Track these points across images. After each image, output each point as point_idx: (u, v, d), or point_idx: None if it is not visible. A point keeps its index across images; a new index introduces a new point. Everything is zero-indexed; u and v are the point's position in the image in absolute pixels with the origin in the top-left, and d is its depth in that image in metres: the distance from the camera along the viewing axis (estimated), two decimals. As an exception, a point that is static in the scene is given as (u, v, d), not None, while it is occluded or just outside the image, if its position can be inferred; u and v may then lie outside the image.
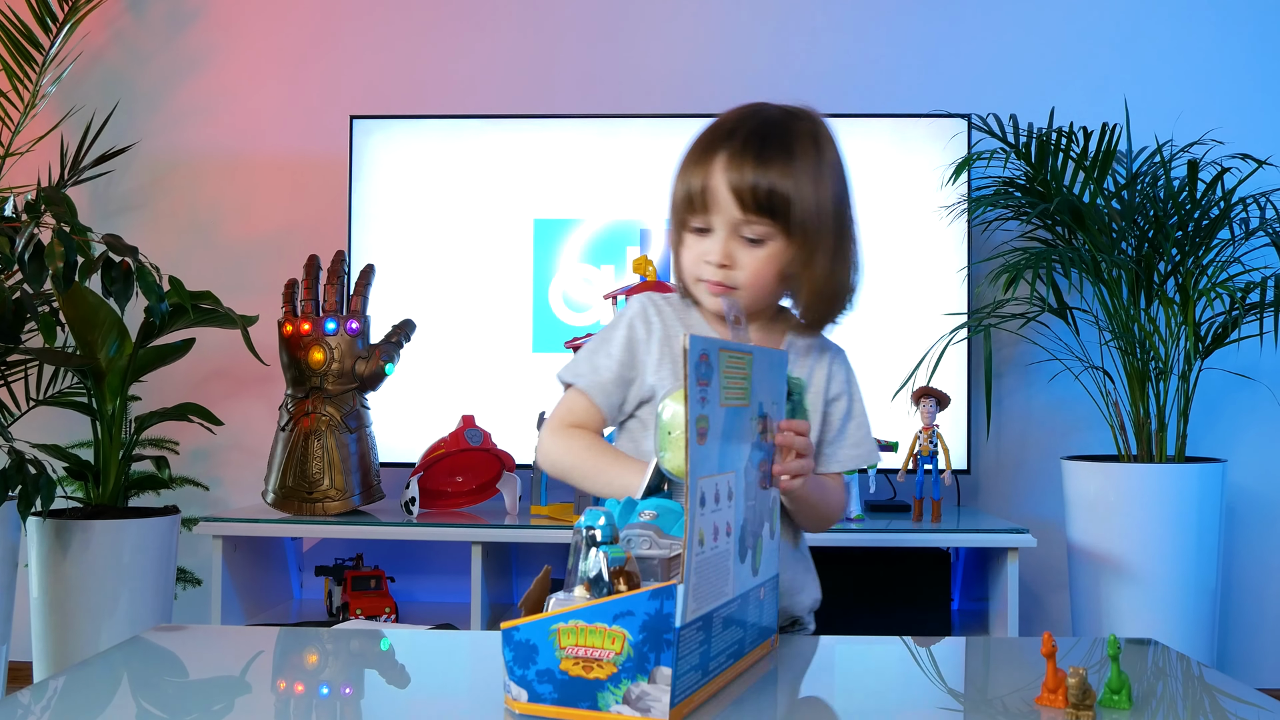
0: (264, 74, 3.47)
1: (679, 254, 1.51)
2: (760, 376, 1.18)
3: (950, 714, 1.10)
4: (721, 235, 1.44)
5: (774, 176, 1.42)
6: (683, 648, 0.97)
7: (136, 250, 2.57)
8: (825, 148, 1.50)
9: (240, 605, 2.95)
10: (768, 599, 1.23)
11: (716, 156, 1.43)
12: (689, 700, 1.01)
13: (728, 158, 1.43)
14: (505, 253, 3.21)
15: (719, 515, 1.06)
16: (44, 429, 3.13)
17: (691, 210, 1.45)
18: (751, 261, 1.45)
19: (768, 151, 1.43)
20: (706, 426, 1.02)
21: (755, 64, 3.33)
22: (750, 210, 1.42)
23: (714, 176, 1.43)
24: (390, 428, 3.11)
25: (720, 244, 1.45)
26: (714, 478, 1.05)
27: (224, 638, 1.53)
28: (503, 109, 3.32)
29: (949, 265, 3.14)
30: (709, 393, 1.03)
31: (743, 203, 1.42)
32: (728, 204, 1.43)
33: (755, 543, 1.17)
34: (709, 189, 1.43)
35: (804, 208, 1.44)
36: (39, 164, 3.34)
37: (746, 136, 1.44)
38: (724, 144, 1.44)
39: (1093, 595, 2.84)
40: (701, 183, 1.43)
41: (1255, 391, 3.23)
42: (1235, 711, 1.12)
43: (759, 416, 1.18)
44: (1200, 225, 2.89)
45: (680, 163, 1.49)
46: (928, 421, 2.91)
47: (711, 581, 1.04)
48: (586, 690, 0.98)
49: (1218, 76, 3.31)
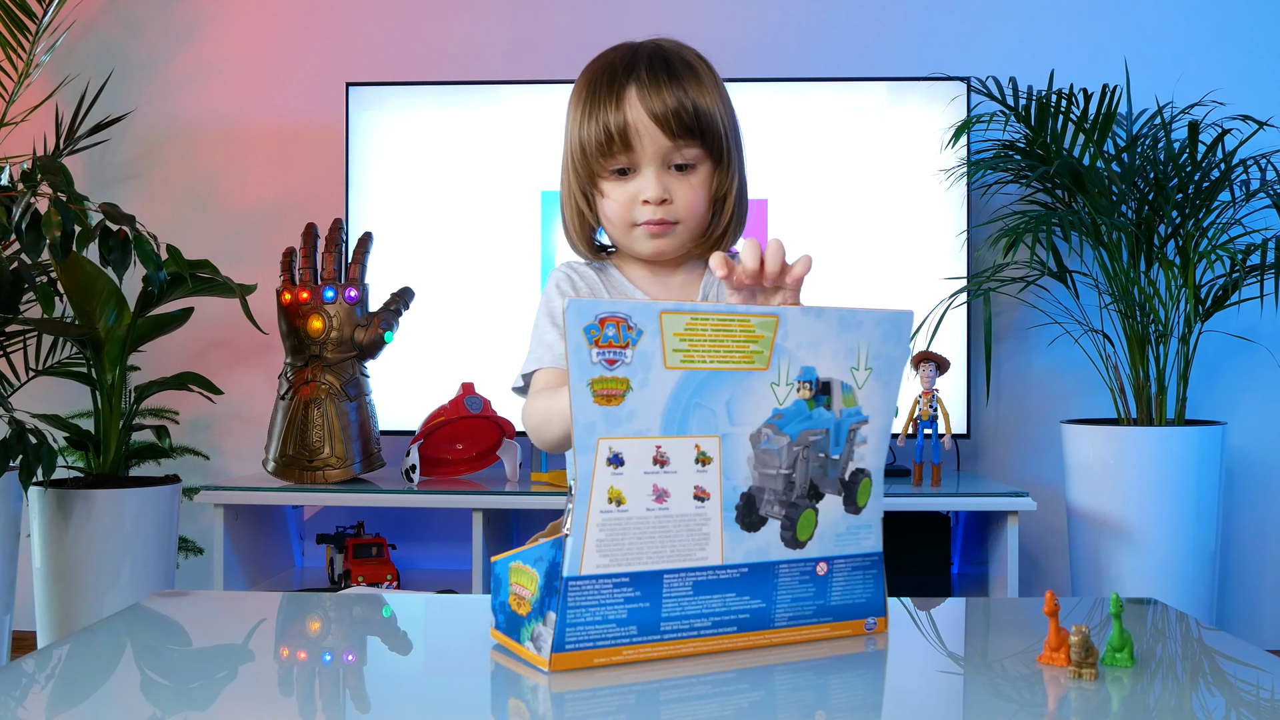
0: (259, 41, 3.45)
1: (600, 206, 1.43)
2: (808, 339, 1.10)
3: (952, 676, 1.10)
4: (652, 170, 1.38)
5: (693, 95, 1.37)
6: (584, 599, 1.02)
7: (134, 219, 2.56)
8: (711, 66, 1.44)
9: (242, 574, 2.96)
10: (845, 577, 1.16)
11: (627, 90, 1.37)
12: (608, 651, 1.04)
13: (640, 88, 1.36)
14: (503, 219, 3.20)
15: (675, 478, 1.05)
16: (44, 399, 3.13)
17: (610, 154, 1.38)
18: (687, 191, 1.40)
19: (676, 72, 1.38)
20: (622, 389, 1.02)
21: (754, 27, 3.30)
22: (680, 134, 1.37)
23: (631, 110, 1.36)
24: (390, 395, 3.11)
25: (654, 179, 1.38)
26: (652, 439, 1.04)
27: (226, 604, 1.53)
28: (501, 75, 3.30)
29: (948, 229, 3.13)
30: (628, 355, 1.02)
31: (669, 129, 1.36)
32: (653, 134, 1.36)
33: (797, 514, 1.12)
34: (629, 125, 1.36)
35: (722, 123, 1.40)
36: (34, 134, 3.32)
37: (649, 64, 1.38)
38: (629, 77, 1.38)
39: (1092, 558, 2.85)
40: (619, 121, 1.36)
41: (1255, 354, 3.22)
42: (1235, 670, 1.12)
43: (805, 381, 1.11)
44: (1200, 187, 2.88)
45: (574, 114, 1.42)
46: (927, 386, 2.91)
47: (653, 543, 1.04)
48: (516, 624, 1.07)
49: (1218, 37, 3.29)
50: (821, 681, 1.07)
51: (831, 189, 3.15)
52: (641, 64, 1.38)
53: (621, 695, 1.01)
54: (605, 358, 1.01)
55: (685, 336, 1.04)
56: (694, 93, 1.37)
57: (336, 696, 1.05)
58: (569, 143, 1.43)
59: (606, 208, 1.42)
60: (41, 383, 3.09)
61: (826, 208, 3.15)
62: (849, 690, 1.06)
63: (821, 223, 3.15)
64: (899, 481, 2.95)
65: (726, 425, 1.07)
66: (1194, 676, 1.11)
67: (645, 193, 1.39)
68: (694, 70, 1.40)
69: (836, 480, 1.14)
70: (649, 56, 1.40)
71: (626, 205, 1.40)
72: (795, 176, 3.14)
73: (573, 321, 1.00)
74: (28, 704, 1.00)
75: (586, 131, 1.39)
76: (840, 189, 3.14)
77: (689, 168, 1.40)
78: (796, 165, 3.14)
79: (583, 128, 1.40)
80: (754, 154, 1.52)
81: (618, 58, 1.41)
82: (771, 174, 3.12)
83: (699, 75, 1.39)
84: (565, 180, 1.46)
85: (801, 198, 3.14)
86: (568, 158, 1.44)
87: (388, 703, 1.02)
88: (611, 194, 1.41)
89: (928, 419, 2.90)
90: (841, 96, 3.15)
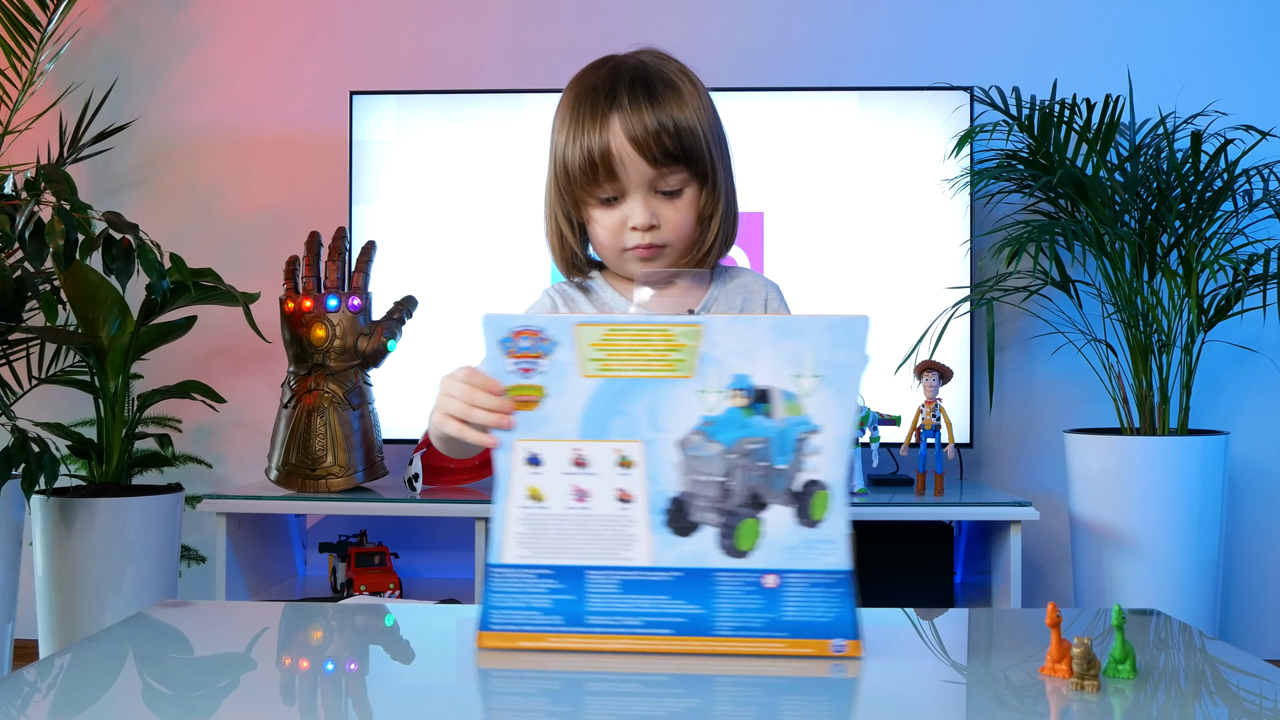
0: (263, 50, 3.46)
1: (590, 231, 1.44)
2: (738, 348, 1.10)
3: (954, 686, 1.10)
4: (639, 196, 1.39)
5: (674, 118, 1.37)
6: (506, 585, 1.14)
7: (137, 227, 2.56)
8: (694, 77, 1.44)
9: (244, 582, 2.96)
10: (802, 592, 1.12)
11: (609, 119, 1.37)
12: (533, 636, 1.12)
13: (621, 117, 1.36)
14: (507, 228, 3.20)
15: (595, 479, 1.11)
16: (46, 407, 3.14)
17: (595, 182, 1.39)
18: (674, 215, 1.41)
19: (658, 96, 1.37)
20: (538, 395, 1.10)
21: (756, 37, 3.31)
22: (663, 162, 1.37)
23: (614, 139, 1.37)
24: (393, 404, 3.11)
25: (641, 206, 1.39)
26: (570, 443, 1.11)
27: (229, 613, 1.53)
28: (505, 84, 3.31)
29: (951, 239, 3.13)
30: (543, 364, 1.10)
31: (653, 158, 1.36)
32: (637, 163, 1.37)
33: (736, 522, 1.11)
34: (611, 154, 1.37)
35: (705, 142, 1.40)
36: (38, 141, 3.33)
37: (630, 89, 1.38)
38: (610, 104, 1.37)
39: (1095, 568, 2.85)
40: (602, 148, 1.37)
41: (1258, 364, 3.22)
42: (1239, 681, 1.12)
43: (739, 389, 1.10)
44: (1204, 197, 2.88)
45: (558, 138, 1.42)
46: (930, 395, 2.90)
47: (574, 539, 1.12)
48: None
49: (1221, 47, 3.29)
50: (769, 699, 1.05)
51: (834, 198, 3.15)
52: (623, 88, 1.38)
53: (545, 679, 1.05)
54: (521, 366, 1.10)
55: (602, 346, 1.10)
56: (675, 114, 1.37)
57: (339, 706, 1.05)
58: (553, 162, 1.44)
59: (596, 234, 1.44)
60: (44, 391, 3.09)
61: (829, 217, 3.16)
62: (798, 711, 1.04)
63: (824, 232, 3.15)
64: (902, 490, 2.95)
65: (649, 431, 1.11)
66: (1197, 688, 1.11)
67: (633, 219, 1.40)
68: (675, 89, 1.40)
69: (784, 491, 1.12)
70: (630, 79, 1.39)
71: (615, 232, 1.42)
72: (797, 186, 3.14)
73: (490, 335, 1.10)
74: (29, 713, 1.00)
75: (571, 157, 1.40)
76: (843, 198, 3.14)
77: (676, 192, 1.40)
78: (798, 174, 3.14)
79: (568, 151, 1.41)
80: (755, 164, 1.52)
81: (600, 80, 1.41)
82: (773, 184, 3.12)
83: (680, 94, 1.40)
84: (548, 199, 1.47)
85: (804, 207, 3.14)
86: (551, 178, 1.45)
87: (390, 712, 1.02)
88: (600, 221, 1.42)
89: (931, 428, 2.90)
90: (844, 106, 3.15)
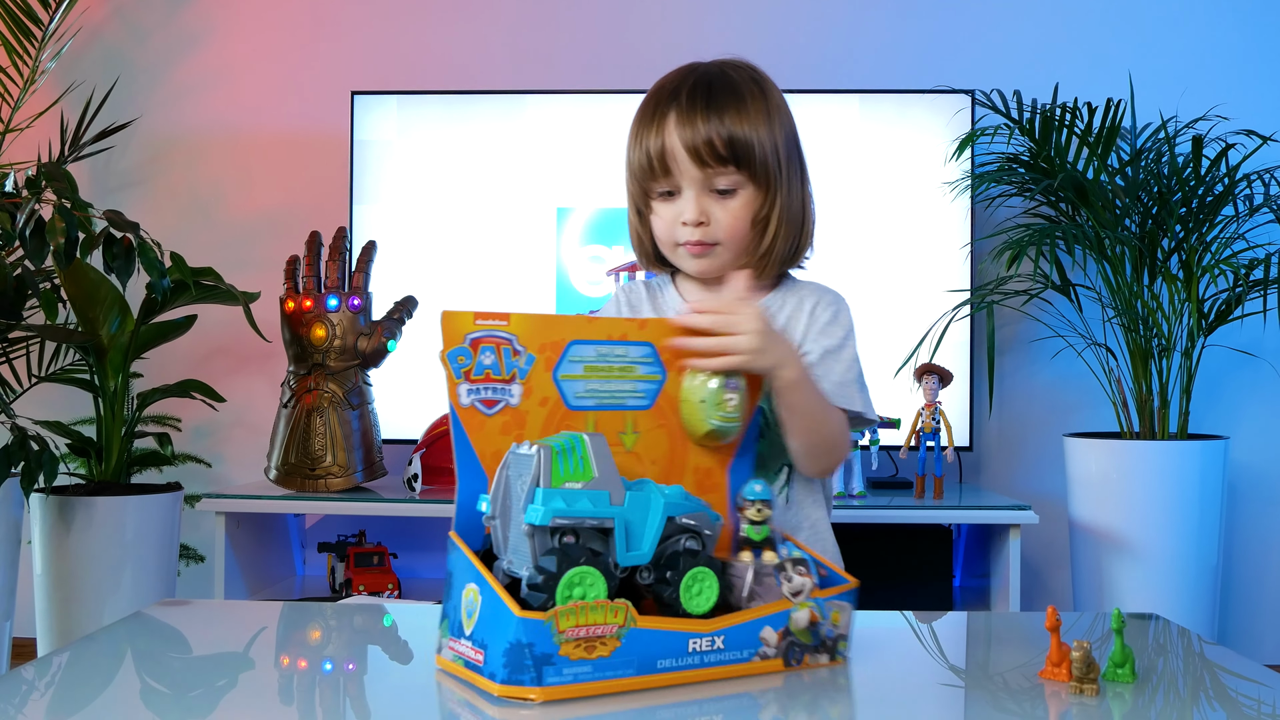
0: (265, 50, 3.46)
1: (650, 224, 1.49)
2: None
3: (953, 689, 1.10)
4: (692, 194, 1.43)
5: (729, 124, 1.41)
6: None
7: (138, 226, 2.56)
8: (768, 88, 1.48)
9: (243, 582, 2.96)
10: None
11: (667, 118, 1.42)
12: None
13: (677, 116, 1.41)
14: (508, 228, 3.20)
15: None
16: (46, 405, 3.13)
17: (653, 176, 1.44)
18: (726, 214, 1.44)
19: (716, 101, 1.42)
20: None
21: (757, 39, 3.31)
22: (711, 163, 1.41)
23: (669, 137, 1.41)
24: (393, 404, 3.10)
25: (692, 202, 1.43)
26: None
27: (227, 612, 1.53)
28: (506, 85, 3.31)
29: (952, 242, 3.13)
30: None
31: (701, 158, 1.41)
32: (687, 162, 1.41)
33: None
34: (666, 151, 1.42)
35: (764, 149, 1.43)
36: (39, 140, 3.33)
37: (691, 91, 1.43)
38: (670, 104, 1.43)
39: (1094, 572, 2.85)
40: (658, 146, 1.42)
41: (1258, 369, 3.22)
42: (1237, 686, 1.12)
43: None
44: (1204, 202, 2.88)
45: (631, 133, 1.47)
46: (930, 398, 2.90)
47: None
48: None
49: (1222, 52, 3.29)
50: (768, 702, 1.06)
51: (835, 200, 3.15)
52: (684, 90, 1.43)
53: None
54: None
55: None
56: (731, 122, 1.41)
57: (337, 706, 1.05)
58: (627, 163, 1.49)
59: (655, 226, 1.48)
60: (44, 389, 3.09)
61: (830, 219, 3.15)
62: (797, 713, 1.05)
63: (825, 234, 3.13)
64: (901, 494, 2.95)
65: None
66: (1195, 692, 1.11)
67: (684, 215, 1.44)
68: (738, 96, 1.43)
69: None
70: (694, 84, 1.44)
71: (670, 225, 1.46)
72: (799, 188, 3.14)
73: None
74: (27, 711, 1.00)
75: (634, 155, 1.46)
76: (844, 201, 3.14)
77: (730, 192, 1.44)
78: (800, 177, 3.13)
79: (632, 150, 1.46)
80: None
81: (669, 82, 1.47)
82: (775, 185, 3.12)
83: (742, 101, 1.43)
84: (627, 193, 1.53)
85: (805, 209, 3.14)
86: (626, 175, 1.50)
87: (388, 713, 1.02)
88: (660, 213, 1.47)
89: (930, 431, 2.90)
90: (845, 108, 3.15)
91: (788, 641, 1.08)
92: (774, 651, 1.08)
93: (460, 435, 1.10)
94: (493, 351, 1.11)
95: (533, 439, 1.06)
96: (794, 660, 1.09)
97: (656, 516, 1.05)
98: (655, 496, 1.07)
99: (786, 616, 1.08)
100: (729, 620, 1.06)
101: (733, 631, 1.06)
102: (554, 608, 0.99)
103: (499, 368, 1.11)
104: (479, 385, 1.10)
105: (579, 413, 1.14)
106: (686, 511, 1.07)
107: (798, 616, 1.08)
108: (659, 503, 1.06)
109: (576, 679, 0.99)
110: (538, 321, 1.14)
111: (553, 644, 0.98)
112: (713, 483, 1.22)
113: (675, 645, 1.03)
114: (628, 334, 1.17)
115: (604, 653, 1.00)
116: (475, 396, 1.10)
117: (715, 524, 1.09)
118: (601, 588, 1.01)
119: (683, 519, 1.07)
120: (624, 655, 1.00)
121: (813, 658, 1.10)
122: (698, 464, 1.21)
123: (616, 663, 1.00)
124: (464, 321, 1.12)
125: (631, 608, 1.01)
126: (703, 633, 1.04)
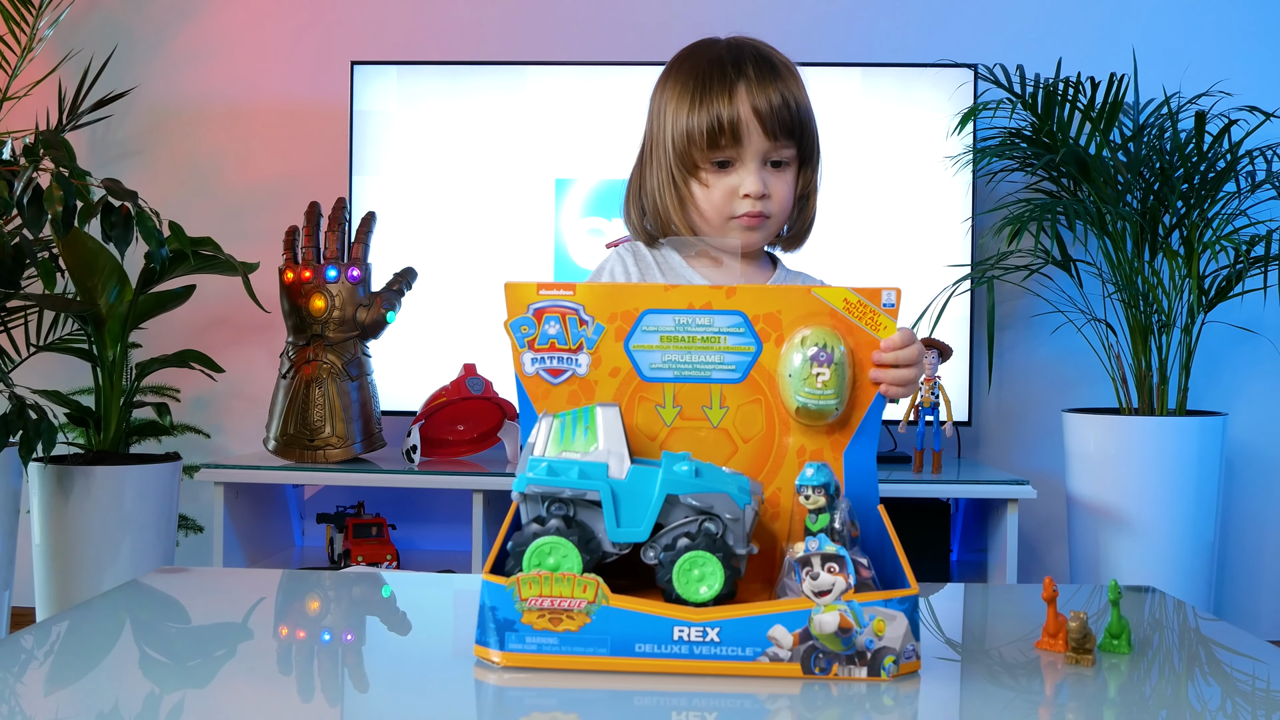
0: (264, 18, 3.44)
1: (696, 195, 1.46)
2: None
3: (949, 662, 1.10)
4: (753, 165, 1.44)
5: (796, 96, 1.44)
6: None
7: (136, 195, 2.55)
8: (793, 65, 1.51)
9: (242, 552, 2.97)
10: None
11: (737, 87, 1.42)
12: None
13: (748, 86, 1.42)
14: (507, 199, 3.19)
15: None
16: (44, 375, 3.13)
17: (717, 146, 1.43)
18: (781, 187, 1.46)
19: (779, 74, 1.44)
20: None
21: (760, 12, 3.29)
22: (780, 134, 1.43)
23: (742, 106, 1.41)
24: (391, 376, 3.10)
25: (755, 175, 1.43)
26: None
27: (225, 581, 1.53)
28: (507, 55, 3.29)
29: (953, 216, 3.12)
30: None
31: (771, 130, 1.42)
32: (757, 133, 1.42)
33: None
34: (741, 120, 1.41)
35: (813, 124, 1.47)
36: (37, 108, 3.31)
37: (756, 63, 1.44)
38: (736, 74, 1.43)
39: (1091, 547, 2.85)
40: (731, 115, 1.41)
41: (1257, 345, 3.22)
42: (1232, 661, 1.12)
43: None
44: (1206, 178, 2.87)
45: (676, 107, 1.45)
46: (929, 373, 2.90)
47: None
48: None
49: (1226, 28, 3.27)
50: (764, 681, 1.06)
51: (836, 174, 3.13)
52: (749, 63, 1.44)
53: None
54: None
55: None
56: (796, 91, 1.44)
57: (335, 675, 1.05)
58: (667, 131, 1.46)
59: (705, 197, 1.46)
60: (42, 358, 3.09)
61: (831, 193, 3.13)
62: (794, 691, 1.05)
63: (826, 208, 3.13)
64: (900, 468, 2.95)
65: None
66: (1191, 665, 1.11)
67: (746, 186, 1.44)
68: (792, 71, 1.47)
69: None
70: (754, 55, 1.45)
71: (726, 197, 1.45)
72: (800, 161, 3.13)
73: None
74: (26, 679, 1.00)
75: (694, 122, 1.43)
76: (845, 174, 3.13)
77: (783, 165, 1.46)
78: (801, 150, 3.13)
79: (690, 118, 1.44)
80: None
81: (724, 53, 1.46)
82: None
83: (796, 78, 1.47)
84: (651, 168, 1.50)
85: (806, 183, 3.13)
86: (661, 146, 1.47)
87: (386, 682, 1.02)
88: (712, 184, 1.45)
89: (929, 406, 2.90)
90: (848, 82, 3.14)
91: (808, 645, 0.98)
92: (788, 654, 0.98)
93: (525, 404, 1.10)
94: (558, 321, 1.09)
95: None
96: (817, 668, 0.98)
97: (655, 493, 1.02)
98: (662, 473, 1.02)
99: (804, 617, 0.98)
100: (724, 612, 0.98)
101: (730, 625, 0.98)
102: (518, 574, 0.99)
103: (564, 337, 1.10)
104: (543, 354, 1.09)
105: (655, 384, 1.12)
106: (696, 491, 1.02)
107: (822, 620, 0.97)
108: (662, 479, 1.02)
109: (541, 649, 0.99)
110: (607, 291, 1.12)
111: (515, 610, 0.99)
112: None
113: (657, 631, 0.98)
114: (712, 303, 1.12)
115: (571, 627, 0.99)
116: (540, 365, 1.09)
117: (742, 509, 1.02)
118: (575, 560, 1.00)
119: (687, 499, 1.02)
120: (595, 632, 0.99)
121: (844, 669, 0.98)
122: (802, 444, 1.15)
123: (586, 639, 0.99)
124: (527, 292, 1.10)
125: (603, 584, 0.98)
126: (691, 621, 0.98)
